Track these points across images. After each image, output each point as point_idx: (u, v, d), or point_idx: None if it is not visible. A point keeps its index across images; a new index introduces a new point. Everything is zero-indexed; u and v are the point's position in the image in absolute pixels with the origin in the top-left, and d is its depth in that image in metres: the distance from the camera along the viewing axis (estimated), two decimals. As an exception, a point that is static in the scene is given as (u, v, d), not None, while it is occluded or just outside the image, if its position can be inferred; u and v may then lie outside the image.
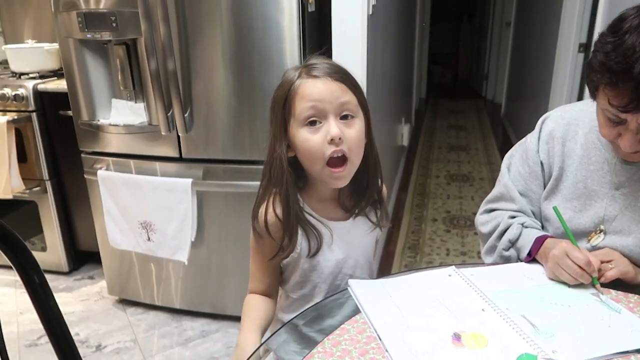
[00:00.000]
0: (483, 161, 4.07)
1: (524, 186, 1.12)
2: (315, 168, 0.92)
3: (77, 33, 1.83)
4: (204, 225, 1.96)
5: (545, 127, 1.10)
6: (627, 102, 0.81)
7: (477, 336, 0.79)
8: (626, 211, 0.99)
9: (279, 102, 0.93)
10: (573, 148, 1.06)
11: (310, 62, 0.94)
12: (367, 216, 1.03)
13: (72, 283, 2.39)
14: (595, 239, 1.02)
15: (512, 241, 1.08)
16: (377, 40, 2.22)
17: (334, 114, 0.89)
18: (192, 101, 1.82)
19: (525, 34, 4.47)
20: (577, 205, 1.04)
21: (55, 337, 0.81)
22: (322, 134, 0.89)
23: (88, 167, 2.03)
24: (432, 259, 2.57)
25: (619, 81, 0.81)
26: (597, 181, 1.02)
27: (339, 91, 0.90)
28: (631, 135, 0.87)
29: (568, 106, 1.13)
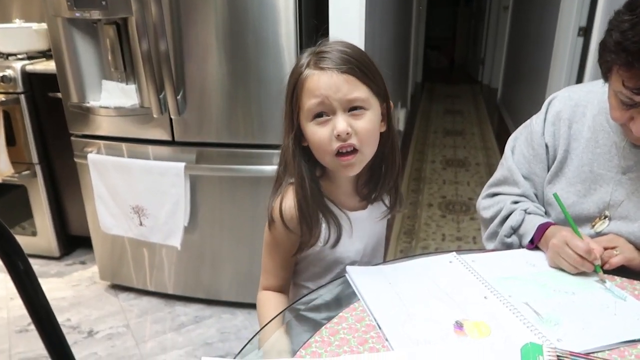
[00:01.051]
0: (479, 146, 4.04)
1: (528, 169, 1.09)
2: (325, 160, 0.90)
3: (65, 12, 1.76)
4: (198, 210, 1.93)
5: (552, 107, 1.07)
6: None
7: (479, 325, 0.76)
8: (633, 196, 0.96)
9: (288, 93, 0.91)
10: (580, 130, 1.02)
11: (321, 47, 0.89)
12: (382, 201, 1.02)
13: (64, 268, 2.36)
14: (599, 225, 0.99)
15: (514, 228, 1.05)
16: (374, 22, 2.17)
17: (341, 109, 0.86)
18: (184, 83, 1.77)
19: (523, 17, 4.42)
20: (581, 189, 1.02)
21: (41, 324, 0.78)
22: (330, 128, 0.86)
23: (78, 151, 1.98)
24: (427, 244, 2.55)
25: (636, 61, 0.77)
26: (604, 165, 0.99)
27: (347, 86, 0.85)
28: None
29: (576, 86, 1.09)
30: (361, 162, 0.91)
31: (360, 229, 1.00)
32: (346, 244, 0.98)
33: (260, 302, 1.01)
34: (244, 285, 2.02)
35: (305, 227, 0.92)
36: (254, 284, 1.99)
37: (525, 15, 4.30)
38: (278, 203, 0.94)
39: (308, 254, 0.98)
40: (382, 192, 1.00)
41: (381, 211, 1.03)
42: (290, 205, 0.93)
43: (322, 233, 0.94)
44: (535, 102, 3.21)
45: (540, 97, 3.08)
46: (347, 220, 0.97)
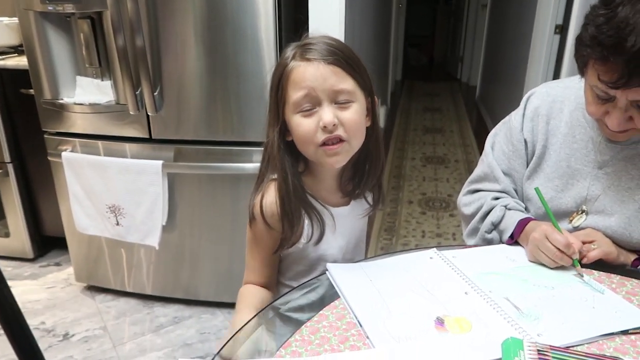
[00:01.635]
0: (458, 143, 4.08)
1: (508, 165, 1.10)
2: (309, 151, 0.89)
3: (37, 5, 1.71)
4: (176, 209, 1.89)
5: (530, 104, 1.08)
6: (618, 77, 0.78)
7: (460, 320, 0.76)
8: (609, 191, 0.97)
9: (274, 85, 0.89)
10: (557, 126, 1.03)
11: (307, 40, 0.88)
12: (365, 198, 1.01)
13: (38, 270, 2.29)
14: (577, 219, 1.00)
15: (494, 224, 1.06)
16: (354, 18, 2.16)
17: (327, 100, 0.85)
18: (162, 79, 1.74)
19: (501, 16, 4.47)
20: (559, 184, 1.02)
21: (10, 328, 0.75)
22: (315, 120, 0.85)
23: (52, 149, 1.93)
24: (407, 241, 2.56)
25: (610, 55, 0.78)
26: (581, 160, 1.00)
27: (333, 77, 0.84)
28: (619, 113, 0.84)
29: (554, 82, 1.10)
30: (347, 152, 0.89)
31: (342, 225, 0.99)
32: (329, 240, 0.97)
33: (241, 293, 1.00)
34: (223, 285, 1.99)
35: (287, 224, 0.91)
36: (234, 284, 1.97)
37: (503, 13, 4.35)
38: (259, 199, 0.93)
39: (291, 251, 0.96)
40: (365, 189, 1.00)
41: (364, 208, 1.02)
42: (272, 201, 0.91)
43: (304, 230, 0.93)
44: (513, 99, 3.25)
45: (518, 94, 3.11)
46: (330, 217, 0.96)
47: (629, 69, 0.77)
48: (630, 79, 0.77)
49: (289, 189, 0.90)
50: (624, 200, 0.96)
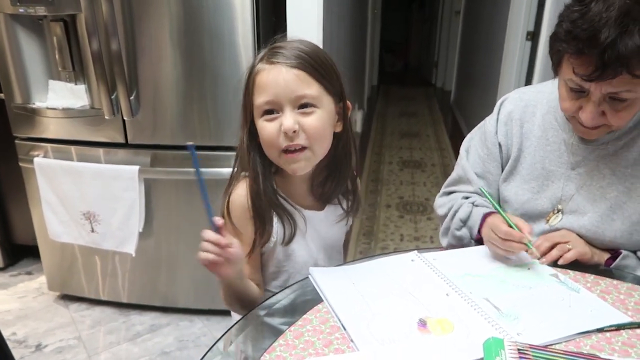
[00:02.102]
0: (434, 147, 4.13)
1: (482, 168, 1.12)
2: (272, 156, 0.89)
3: (7, 7, 1.67)
4: (153, 215, 1.86)
5: (503, 108, 1.10)
6: (593, 70, 0.81)
7: (442, 322, 0.77)
8: (582, 191, 1.00)
9: (244, 86, 0.89)
10: (531, 129, 1.06)
11: (278, 43, 0.88)
12: (340, 204, 1.01)
13: (8, 279, 2.22)
14: (553, 219, 1.03)
15: (463, 220, 1.08)
16: (332, 22, 2.17)
17: (290, 105, 0.84)
18: (138, 83, 1.71)
19: (474, 22, 4.56)
20: (535, 186, 1.05)
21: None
22: (278, 124, 0.85)
23: (23, 155, 1.88)
24: (386, 245, 2.57)
25: (585, 48, 0.81)
26: (555, 161, 1.03)
27: (296, 82, 0.84)
28: (593, 107, 0.86)
29: (526, 88, 1.13)
30: (309, 160, 0.89)
31: (314, 229, 0.98)
32: (299, 241, 0.96)
33: None
34: (201, 292, 1.96)
35: (258, 222, 0.91)
36: (212, 290, 1.95)
37: (476, 20, 4.43)
38: (227, 199, 0.93)
39: (264, 250, 0.96)
40: (336, 193, 0.99)
41: (338, 214, 1.01)
42: (241, 194, 0.91)
43: (276, 231, 0.92)
44: (487, 103, 3.31)
45: (491, 99, 3.18)
46: (301, 219, 0.95)
47: (603, 61, 0.79)
48: (604, 71, 0.80)
49: (259, 189, 0.90)
50: (596, 200, 0.99)
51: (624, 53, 0.77)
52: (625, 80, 0.81)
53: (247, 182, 0.92)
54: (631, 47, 0.77)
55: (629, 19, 0.78)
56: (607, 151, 0.98)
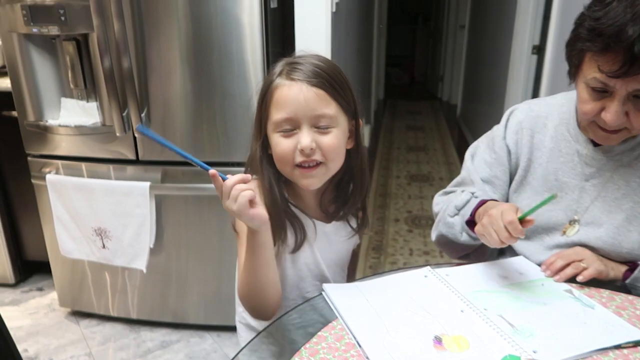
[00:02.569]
0: (442, 161, 4.13)
1: (489, 173, 1.11)
2: (285, 170, 0.90)
3: (21, 27, 1.70)
4: (163, 231, 1.87)
5: (513, 117, 1.10)
6: (620, 65, 0.80)
7: (458, 339, 0.76)
8: (597, 202, 1.00)
9: (259, 99, 0.90)
10: (542, 140, 1.06)
11: (295, 58, 0.89)
12: (348, 222, 1.01)
13: (19, 296, 2.23)
14: (570, 230, 1.02)
15: (458, 207, 1.05)
16: (339, 39, 2.19)
17: (308, 124, 0.85)
18: (148, 100, 1.74)
19: (480, 36, 4.58)
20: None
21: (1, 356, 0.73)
22: (294, 141, 0.86)
23: (35, 171, 1.90)
24: (396, 260, 2.56)
25: (612, 43, 0.80)
26: (568, 173, 1.02)
27: (316, 101, 0.85)
28: (618, 105, 0.85)
29: (535, 100, 1.13)
30: (323, 175, 0.90)
31: (323, 241, 0.98)
32: (306, 250, 0.96)
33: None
34: (212, 308, 1.96)
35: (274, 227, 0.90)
36: (223, 306, 1.95)
37: (482, 34, 4.46)
38: None
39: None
40: (349, 212, 0.99)
41: (347, 231, 1.01)
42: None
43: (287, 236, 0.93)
44: (493, 117, 3.31)
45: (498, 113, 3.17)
46: (312, 228, 0.95)
47: (632, 55, 0.79)
48: (632, 66, 0.79)
49: (273, 197, 0.90)
50: (611, 211, 0.98)
51: None
52: None
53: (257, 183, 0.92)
54: None
55: None
56: (622, 162, 0.98)
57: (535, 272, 0.97)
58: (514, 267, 1.00)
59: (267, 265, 0.84)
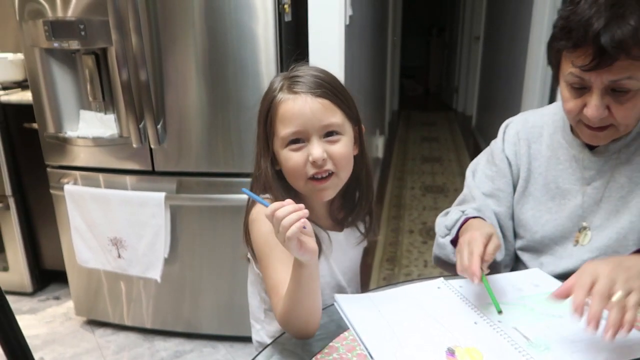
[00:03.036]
0: (457, 172, 4.10)
1: (491, 186, 1.10)
2: (298, 184, 0.90)
3: (43, 42, 1.75)
4: (178, 241, 1.89)
5: (509, 130, 1.11)
6: (591, 58, 0.82)
7: (471, 351, 0.76)
8: (602, 204, 0.99)
9: (262, 117, 0.90)
10: (539, 149, 1.06)
11: (294, 73, 0.90)
12: (357, 227, 1.01)
13: (37, 304, 2.27)
14: (582, 238, 1.01)
15: (448, 227, 1.05)
16: (353, 51, 2.21)
17: (317, 135, 0.86)
18: (165, 112, 1.76)
19: (495, 47, 4.57)
20: (552, 206, 1.04)
21: (18, 365, 0.74)
22: (305, 154, 0.86)
23: (54, 182, 1.94)
24: (410, 271, 2.55)
25: (581, 38, 0.83)
26: (568, 179, 1.02)
27: (321, 111, 0.85)
28: (597, 99, 0.86)
29: (530, 111, 1.14)
30: (336, 186, 0.91)
31: (337, 250, 0.99)
32: (322, 263, 0.96)
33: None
34: (225, 318, 1.97)
35: None
36: (236, 316, 1.96)
37: (497, 45, 4.44)
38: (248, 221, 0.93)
39: None
40: (358, 217, 1.00)
41: (356, 237, 1.02)
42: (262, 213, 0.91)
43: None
44: (509, 128, 3.28)
45: (514, 124, 3.15)
46: (327, 240, 0.96)
47: (599, 47, 0.80)
48: (602, 57, 0.81)
49: None
50: (619, 210, 0.97)
51: (619, 36, 0.79)
52: (625, 66, 0.81)
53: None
54: (626, 30, 0.79)
55: (619, 4, 0.81)
56: (620, 160, 0.97)
57: (551, 284, 0.95)
58: (529, 279, 0.98)
59: (313, 294, 0.78)
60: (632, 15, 0.80)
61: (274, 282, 0.85)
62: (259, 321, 1.05)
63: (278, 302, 0.81)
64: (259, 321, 1.05)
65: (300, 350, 0.81)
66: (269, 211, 0.69)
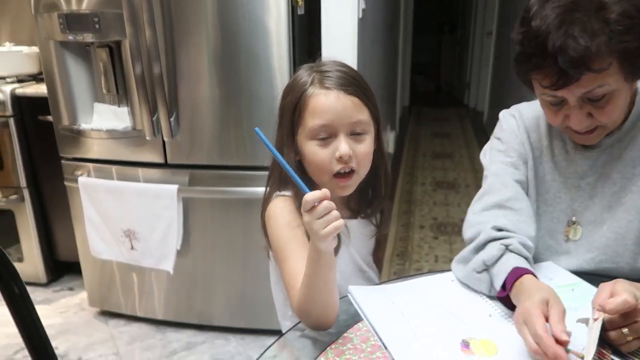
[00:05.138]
0: (468, 168, 4.08)
1: (517, 172, 1.04)
2: (322, 179, 0.91)
3: (58, 35, 1.76)
4: (190, 233, 1.90)
5: (510, 119, 1.07)
6: (556, 78, 0.81)
7: (486, 343, 0.75)
8: (595, 199, 0.97)
9: (289, 108, 0.91)
10: (538, 139, 1.04)
11: (322, 67, 0.91)
12: (370, 220, 1.02)
13: (51, 295, 2.30)
14: (573, 233, 1.00)
15: (487, 264, 0.89)
16: (365, 45, 2.20)
17: (345, 132, 0.88)
18: (177, 105, 1.77)
19: (507, 43, 4.52)
20: (547, 198, 1.03)
21: (36, 352, 0.75)
22: (331, 150, 0.88)
23: (68, 174, 1.95)
24: (420, 266, 2.54)
25: (541, 61, 0.82)
26: (562, 172, 1.01)
27: (352, 108, 0.88)
28: (576, 111, 0.86)
29: (523, 104, 1.10)
30: (356, 183, 0.93)
31: (356, 237, 1.00)
32: (343, 251, 0.97)
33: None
34: (237, 310, 1.98)
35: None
36: (247, 308, 1.97)
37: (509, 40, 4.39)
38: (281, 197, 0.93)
39: None
40: (374, 212, 1.01)
41: (370, 229, 1.04)
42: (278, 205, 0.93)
43: None
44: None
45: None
46: (344, 230, 0.95)
47: (560, 68, 0.79)
48: (567, 76, 0.80)
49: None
50: (612, 206, 0.96)
51: (575, 56, 0.78)
52: (591, 78, 0.80)
53: (285, 200, 0.93)
54: (579, 49, 0.78)
55: (566, 24, 0.79)
56: (612, 155, 0.96)
57: (565, 277, 0.95)
58: (542, 272, 0.98)
59: (330, 283, 0.78)
60: (582, 33, 0.78)
61: (291, 274, 0.85)
62: (287, 317, 1.05)
63: (295, 294, 0.82)
64: (286, 317, 1.06)
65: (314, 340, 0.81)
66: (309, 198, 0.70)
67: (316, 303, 0.79)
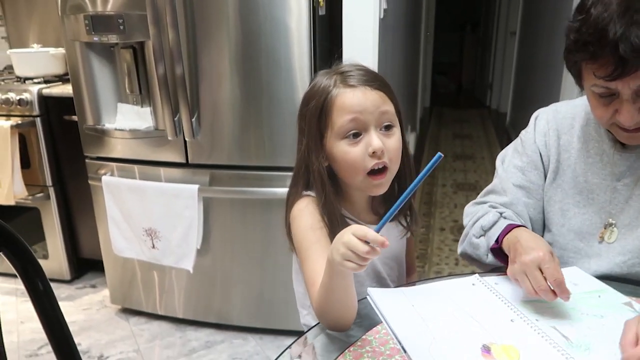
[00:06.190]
0: (489, 170, 4.02)
1: (522, 178, 1.07)
2: (356, 179, 0.91)
3: (84, 36, 1.80)
4: (210, 233, 1.92)
5: (539, 121, 1.08)
6: (613, 69, 0.79)
7: (508, 349, 0.74)
8: (631, 202, 0.95)
9: (313, 114, 0.90)
10: (569, 141, 1.03)
11: (342, 69, 0.91)
12: (398, 220, 1.01)
13: (74, 292, 2.34)
14: (608, 235, 0.97)
15: (484, 228, 1.01)
16: (386, 45, 2.19)
17: (374, 125, 0.87)
18: (199, 106, 1.79)
19: (531, 43, 4.45)
20: (580, 200, 1.01)
21: (59, 347, 0.77)
22: (363, 147, 0.87)
23: (92, 173, 1.99)
24: (441, 269, 2.51)
25: (598, 50, 0.80)
26: (597, 173, 0.98)
27: (379, 101, 0.88)
28: (628, 105, 0.83)
29: (562, 102, 1.10)
30: (389, 180, 0.92)
31: None
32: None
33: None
34: (255, 310, 1.99)
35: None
36: (266, 308, 1.97)
37: (534, 40, 4.33)
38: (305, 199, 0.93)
39: None
40: (400, 213, 1.00)
41: (399, 230, 1.02)
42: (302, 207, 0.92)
43: None
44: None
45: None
46: None
47: (619, 57, 0.77)
48: (625, 66, 0.78)
49: (332, 214, 0.91)
50: None
51: (637, 44, 0.76)
52: None
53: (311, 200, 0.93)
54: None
55: (631, 11, 0.77)
56: None
57: (591, 283, 0.93)
58: (567, 277, 0.95)
59: (347, 287, 0.78)
60: None
61: (311, 274, 0.86)
62: (305, 307, 1.07)
63: (314, 294, 0.83)
64: (305, 307, 1.07)
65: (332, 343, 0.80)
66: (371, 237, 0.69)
67: (334, 305, 0.79)
